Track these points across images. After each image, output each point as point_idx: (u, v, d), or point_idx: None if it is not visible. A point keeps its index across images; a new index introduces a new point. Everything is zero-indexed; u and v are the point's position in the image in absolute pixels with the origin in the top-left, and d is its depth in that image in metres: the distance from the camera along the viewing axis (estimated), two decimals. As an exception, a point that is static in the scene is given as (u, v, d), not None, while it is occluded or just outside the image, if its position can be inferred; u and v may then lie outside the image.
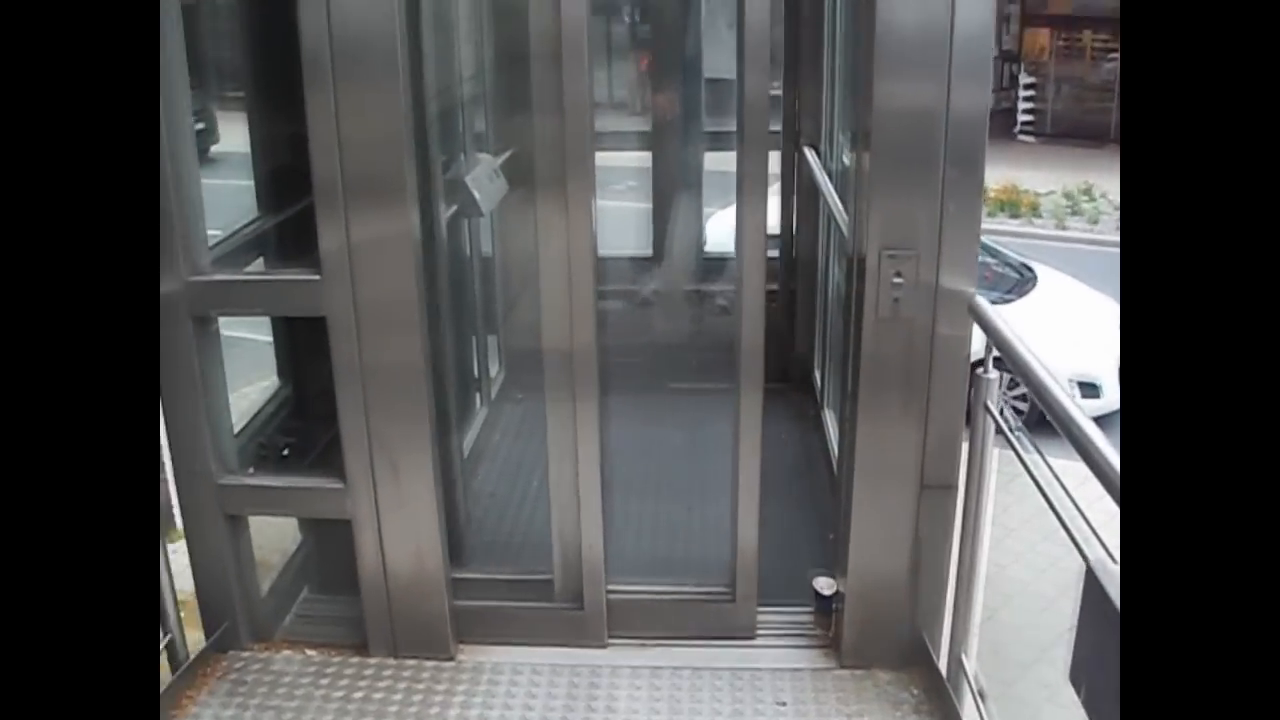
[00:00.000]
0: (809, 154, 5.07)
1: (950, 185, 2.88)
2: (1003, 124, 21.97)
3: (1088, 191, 16.85)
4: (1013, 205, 16.38)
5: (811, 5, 5.09)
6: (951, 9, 2.77)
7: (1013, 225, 15.70)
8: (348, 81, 2.84)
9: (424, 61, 3.20)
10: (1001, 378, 2.84)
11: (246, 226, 3.47)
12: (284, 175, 3.34)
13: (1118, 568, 1.86)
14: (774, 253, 5.45)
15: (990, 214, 15.99)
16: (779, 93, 5.26)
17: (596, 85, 3.04)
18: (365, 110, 2.87)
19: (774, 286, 5.42)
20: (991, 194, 16.39)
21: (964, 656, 3.05)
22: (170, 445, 3.21)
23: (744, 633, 3.48)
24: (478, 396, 4.82)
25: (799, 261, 5.38)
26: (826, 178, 4.62)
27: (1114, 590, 1.83)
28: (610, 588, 3.43)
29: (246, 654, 3.43)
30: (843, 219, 3.81)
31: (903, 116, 2.90)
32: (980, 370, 2.85)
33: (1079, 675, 2.00)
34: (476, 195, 3.92)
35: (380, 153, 2.92)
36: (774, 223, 5.34)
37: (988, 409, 2.83)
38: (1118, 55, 21.48)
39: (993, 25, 2.92)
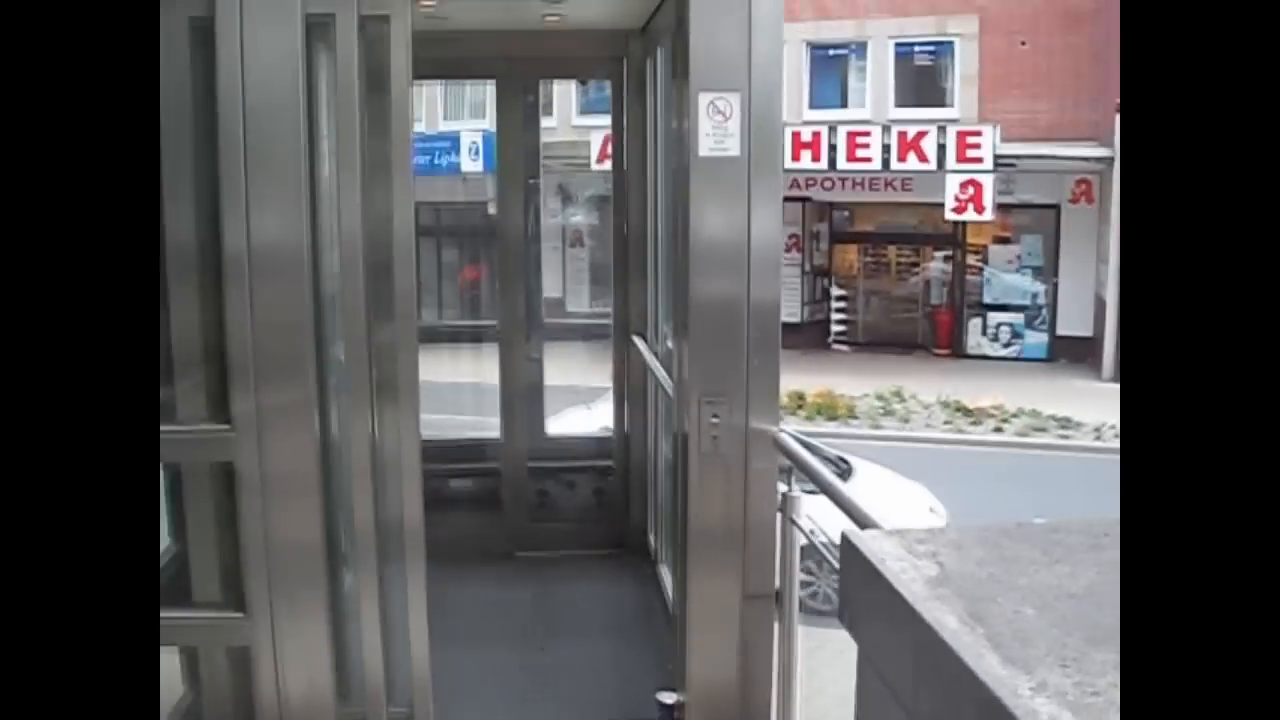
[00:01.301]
0: (637, 341, 5.95)
1: (753, 347, 3.76)
2: (818, 334, 23.73)
3: (898, 393, 18.40)
4: (830, 409, 17.73)
5: (634, 228, 6.04)
6: (748, 225, 3.70)
7: (830, 427, 16.96)
8: (261, 279, 3.58)
9: (319, 263, 3.95)
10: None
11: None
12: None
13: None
14: (610, 433, 6.29)
15: (809, 418, 17.29)
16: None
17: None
18: (275, 302, 3.60)
19: (610, 463, 6.22)
20: (810, 399, 17.75)
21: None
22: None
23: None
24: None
25: (631, 441, 6.19)
26: (654, 357, 5.47)
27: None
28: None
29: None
30: (666, 382, 4.64)
31: (714, 303, 3.81)
32: (784, 490, 3.66)
33: None
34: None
35: (287, 334, 3.64)
36: (610, 411, 6.22)
37: (794, 522, 3.62)
38: (919, 269, 23.63)
39: (780, 237, 3.87)
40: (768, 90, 3.73)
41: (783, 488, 3.70)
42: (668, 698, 4.13)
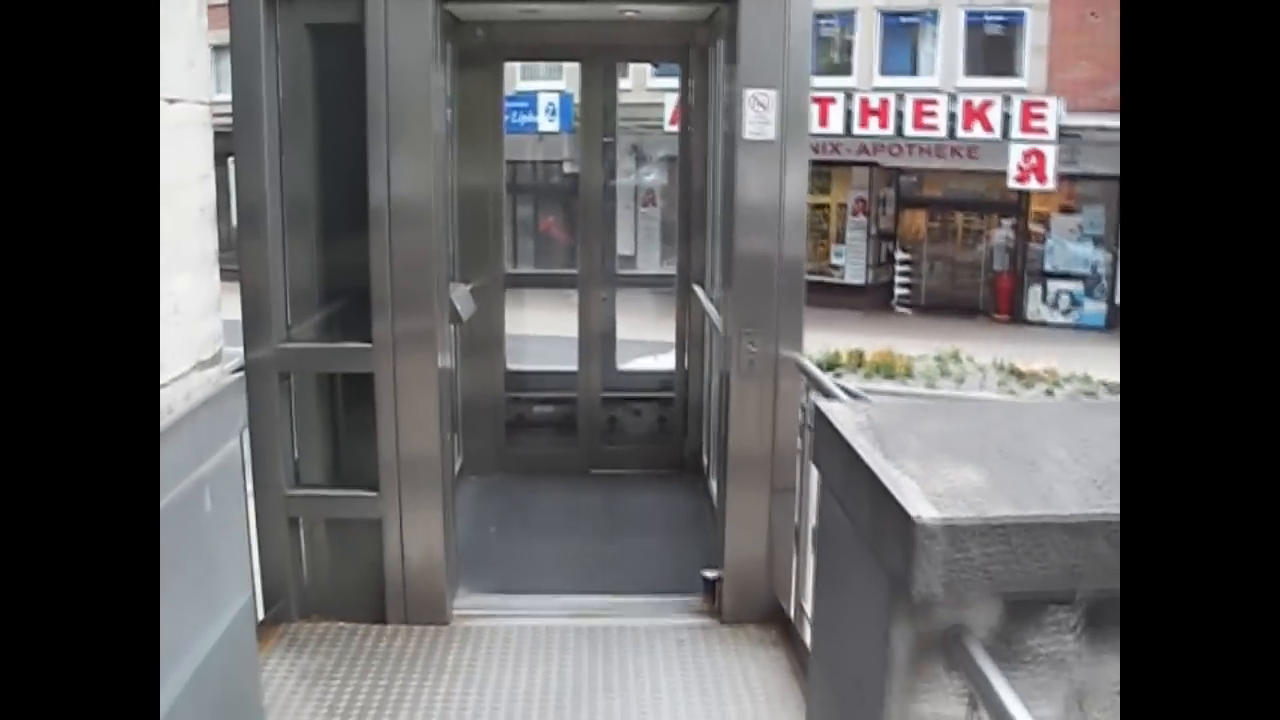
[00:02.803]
0: (697, 290, 6.96)
1: (782, 292, 4.78)
2: (881, 297, 24.60)
3: (955, 355, 19.25)
4: (888, 368, 18.65)
5: (698, 189, 7.04)
6: (780, 192, 4.72)
7: (888, 385, 17.88)
8: (399, 229, 4.66)
9: (444, 217, 5.03)
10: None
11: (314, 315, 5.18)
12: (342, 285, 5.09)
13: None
14: (672, 370, 7.36)
15: (867, 376, 18.24)
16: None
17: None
18: (410, 247, 4.68)
19: (672, 394, 7.28)
20: (870, 358, 18.68)
21: (804, 604, 4.77)
22: (253, 468, 4.82)
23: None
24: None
25: (690, 376, 7.22)
26: (709, 302, 6.49)
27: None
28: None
29: (294, 625, 5.00)
30: (718, 320, 5.67)
31: (752, 256, 4.84)
32: (802, 402, 4.68)
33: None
34: (459, 308, 5.68)
35: (418, 276, 4.72)
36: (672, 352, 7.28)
37: (810, 427, 4.63)
38: (986, 235, 24.33)
39: (805, 202, 4.86)
40: (798, 86, 4.75)
41: (806, 403, 4.72)
42: (710, 573, 5.18)
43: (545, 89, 23.53)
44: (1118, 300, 22.70)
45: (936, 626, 2.21)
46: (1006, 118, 21.43)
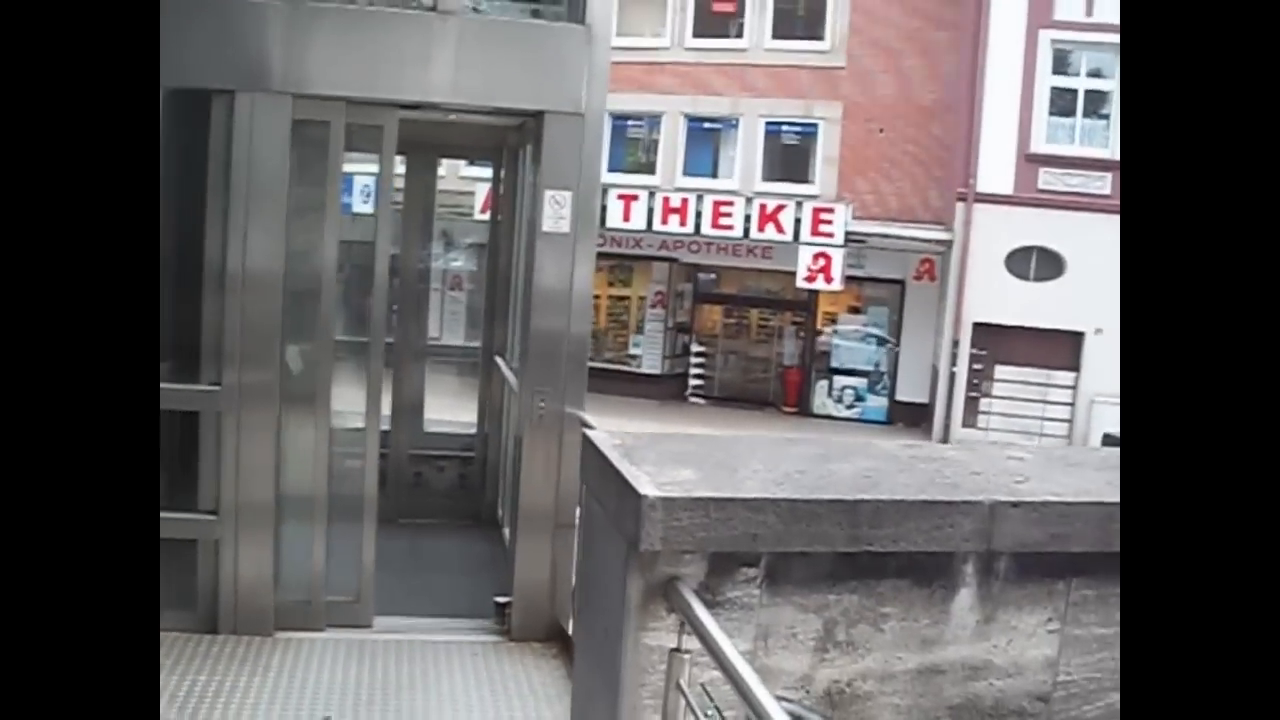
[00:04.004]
0: (499, 360, 7.97)
1: (570, 361, 5.85)
2: (676, 387, 26.03)
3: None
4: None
5: (504, 271, 8.07)
6: (571, 277, 5.80)
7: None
8: (250, 290, 5.56)
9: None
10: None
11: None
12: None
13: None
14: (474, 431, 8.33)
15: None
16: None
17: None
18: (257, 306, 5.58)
19: (473, 454, 8.24)
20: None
21: (578, 623, 5.75)
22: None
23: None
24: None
25: (490, 438, 8.19)
26: (509, 370, 7.49)
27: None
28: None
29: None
30: (515, 383, 6.68)
31: (546, 332, 5.90)
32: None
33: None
34: (291, 365, 6.54)
35: (263, 332, 5.62)
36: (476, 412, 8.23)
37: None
38: (778, 332, 26.01)
39: (590, 289, 5.94)
40: (590, 189, 5.87)
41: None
42: (501, 599, 6.13)
43: (360, 171, 24.21)
44: (898, 396, 24.59)
45: (659, 577, 3.23)
46: (798, 221, 23.22)
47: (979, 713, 3.56)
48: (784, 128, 25.53)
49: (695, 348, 26.53)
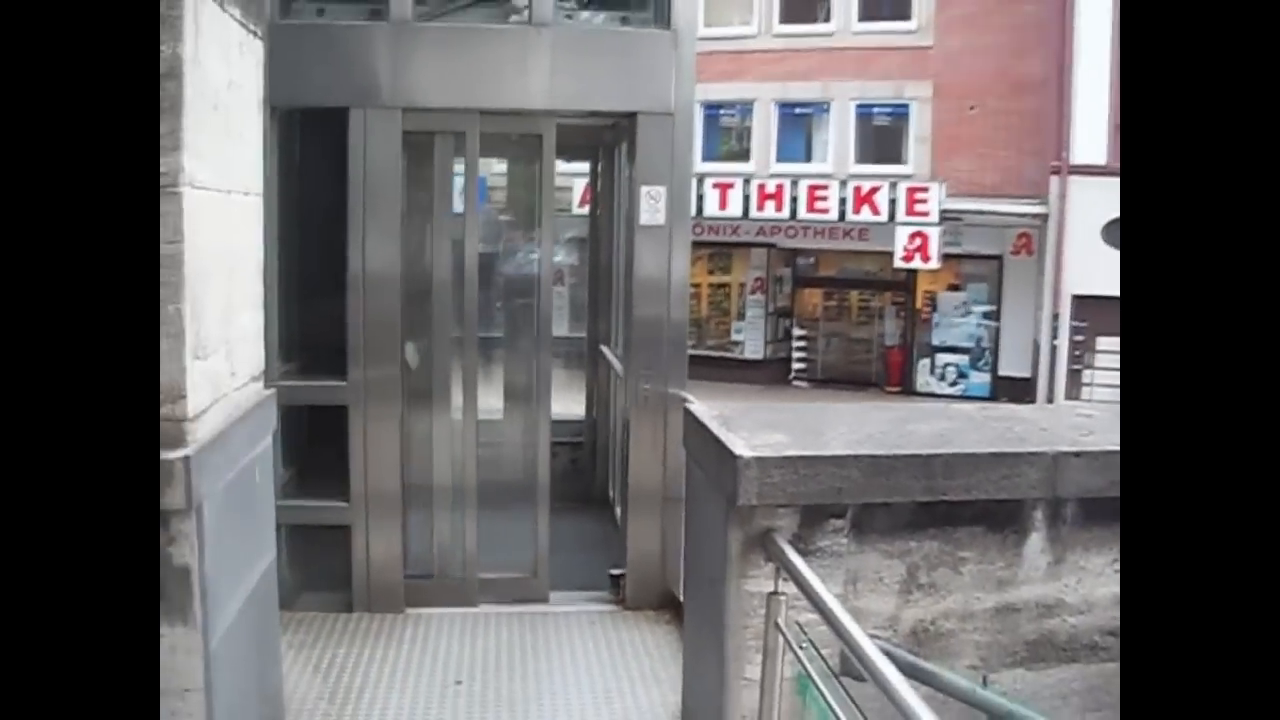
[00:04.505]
0: (604, 349, 8.41)
1: (668, 345, 6.26)
2: (780, 371, 26.28)
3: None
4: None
5: (604, 264, 8.50)
6: (669, 269, 6.20)
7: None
8: (371, 292, 6.05)
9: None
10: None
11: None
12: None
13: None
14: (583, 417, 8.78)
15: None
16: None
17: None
18: (379, 306, 6.07)
19: (582, 439, 8.69)
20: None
21: (688, 590, 6.16)
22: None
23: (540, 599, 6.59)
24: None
25: (598, 424, 8.64)
26: (614, 357, 7.92)
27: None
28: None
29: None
30: (620, 369, 7.10)
31: (647, 319, 6.31)
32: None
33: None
34: (409, 360, 7.04)
35: (384, 330, 6.11)
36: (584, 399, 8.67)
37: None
38: (878, 312, 26.17)
39: (687, 277, 6.33)
40: (682, 183, 6.27)
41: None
42: (615, 571, 6.57)
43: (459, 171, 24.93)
44: (1001, 372, 24.59)
45: (756, 529, 3.63)
46: (893, 202, 23.34)
47: (1054, 647, 3.91)
48: (875, 109, 25.61)
49: (796, 331, 26.75)
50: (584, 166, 9.53)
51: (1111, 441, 3.89)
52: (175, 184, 3.25)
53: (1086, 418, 4.39)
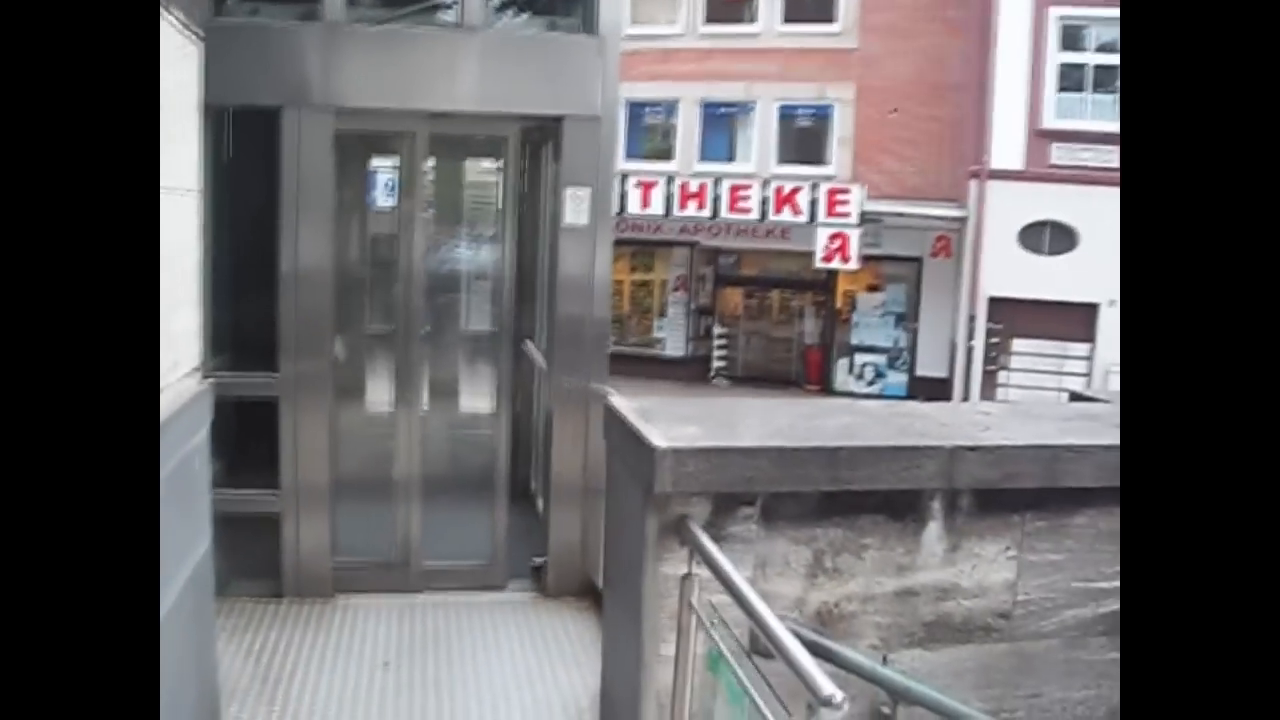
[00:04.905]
0: (528, 344, 8.63)
1: (590, 342, 6.51)
2: (700, 370, 26.63)
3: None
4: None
5: (529, 264, 8.73)
6: (592, 271, 6.45)
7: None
8: (303, 287, 6.23)
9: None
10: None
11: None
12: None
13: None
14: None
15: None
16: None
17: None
18: (310, 302, 6.25)
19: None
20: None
21: (607, 578, 6.40)
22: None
23: (498, 586, 6.79)
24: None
25: (519, 418, 8.85)
26: (538, 353, 8.15)
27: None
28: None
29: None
30: (543, 365, 7.34)
31: (570, 317, 6.55)
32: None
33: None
34: (337, 353, 7.22)
35: (315, 325, 6.29)
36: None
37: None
38: (798, 312, 26.58)
39: (609, 276, 6.58)
40: (605, 185, 6.52)
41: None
42: (537, 560, 6.81)
43: (382, 166, 24.96)
44: (918, 372, 25.13)
45: (671, 516, 3.87)
46: (814, 203, 23.80)
47: (950, 628, 4.20)
48: (798, 110, 26.07)
49: (717, 330, 27.16)
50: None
51: (1004, 437, 4.19)
52: (121, 183, 3.44)
53: (985, 415, 4.70)
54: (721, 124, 26.75)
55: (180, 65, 4.12)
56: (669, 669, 3.82)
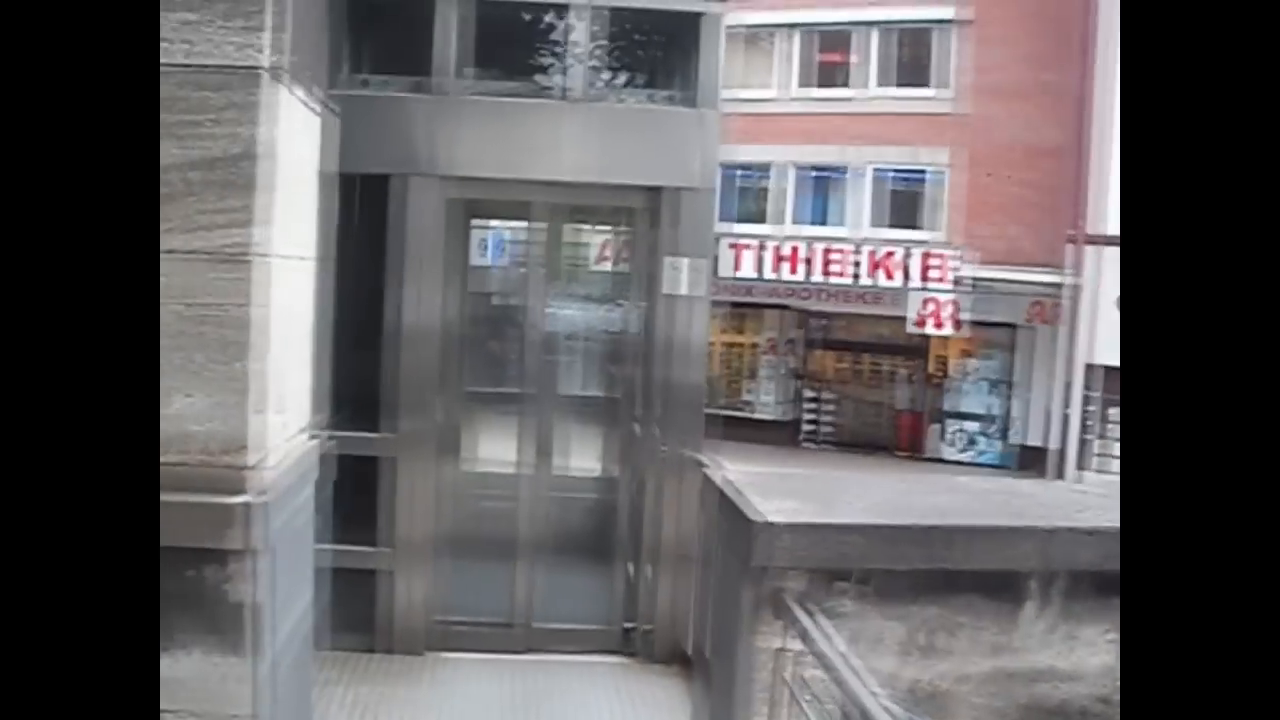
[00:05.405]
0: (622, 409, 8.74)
1: (686, 407, 6.60)
2: (791, 433, 26.52)
3: (855, 487, 21.06)
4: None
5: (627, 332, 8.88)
6: (689, 338, 6.56)
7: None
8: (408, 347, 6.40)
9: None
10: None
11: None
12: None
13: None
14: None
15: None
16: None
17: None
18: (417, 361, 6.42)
19: (597, 496, 9.00)
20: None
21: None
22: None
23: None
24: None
25: (615, 480, 8.96)
26: (633, 417, 8.26)
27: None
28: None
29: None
30: (639, 431, 7.45)
31: (667, 383, 6.68)
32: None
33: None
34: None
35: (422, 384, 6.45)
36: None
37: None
38: (891, 376, 26.45)
39: (706, 343, 6.67)
40: (704, 252, 6.64)
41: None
42: (629, 625, 6.89)
43: (477, 225, 25.44)
44: (1012, 439, 24.82)
45: (767, 590, 3.93)
46: (908, 267, 23.70)
47: (1045, 711, 4.19)
48: (893, 174, 26.06)
49: (807, 393, 27.08)
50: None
51: (1105, 519, 4.19)
52: (246, 253, 3.60)
53: (1082, 494, 4.71)
54: (816, 187, 26.81)
55: (303, 139, 4.30)
56: (761, 742, 3.88)
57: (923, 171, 25.57)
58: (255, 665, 3.76)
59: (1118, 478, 2.44)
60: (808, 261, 24.29)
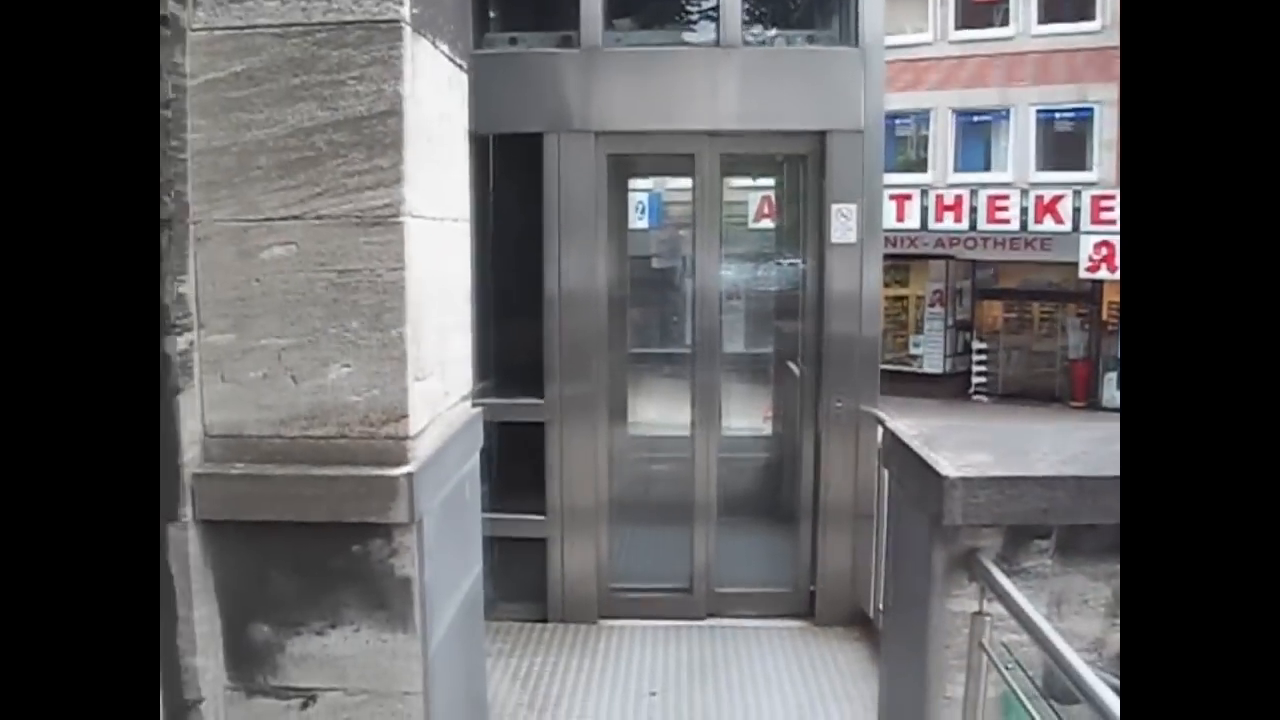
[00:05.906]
0: (790, 365, 8.46)
1: (860, 362, 6.30)
2: (959, 386, 25.89)
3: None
4: (965, 451, 19.87)
5: (787, 281, 8.59)
6: (860, 286, 6.25)
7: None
8: (568, 310, 6.24)
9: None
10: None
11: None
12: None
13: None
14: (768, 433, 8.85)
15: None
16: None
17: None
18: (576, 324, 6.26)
19: (768, 455, 8.76)
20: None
21: (879, 607, 6.19)
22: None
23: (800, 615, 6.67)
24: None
25: (784, 439, 8.70)
26: (800, 372, 7.99)
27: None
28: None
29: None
30: (807, 385, 7.18)
31: (839, 336, 6.37)
32: (878, 447, 6.13)
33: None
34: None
35: (582, 348, 6.29)
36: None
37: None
38: (1061, 324, 25.56)
39: (879, 293, 6.36)
40: (873, 200, 6.30)
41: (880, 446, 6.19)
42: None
43: (633, 189, 25.33)
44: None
45: (960, 549, 3.65)
46: (1077, 210, 22.82)
47: (1271, 674, 3.83)
48: (1057, 114, 25.13)
49: (976, 345, 26.36)
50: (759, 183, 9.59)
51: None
52: (397, 214, 3.44)
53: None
54: (976, 132, 26.03)
55: (448, 96, 4.13)
56: (955, 711, 3.62)
57: (1089, 109, 24.61)
58: (425, 640, 3.63)
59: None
60: (972, 209, 23.57)
